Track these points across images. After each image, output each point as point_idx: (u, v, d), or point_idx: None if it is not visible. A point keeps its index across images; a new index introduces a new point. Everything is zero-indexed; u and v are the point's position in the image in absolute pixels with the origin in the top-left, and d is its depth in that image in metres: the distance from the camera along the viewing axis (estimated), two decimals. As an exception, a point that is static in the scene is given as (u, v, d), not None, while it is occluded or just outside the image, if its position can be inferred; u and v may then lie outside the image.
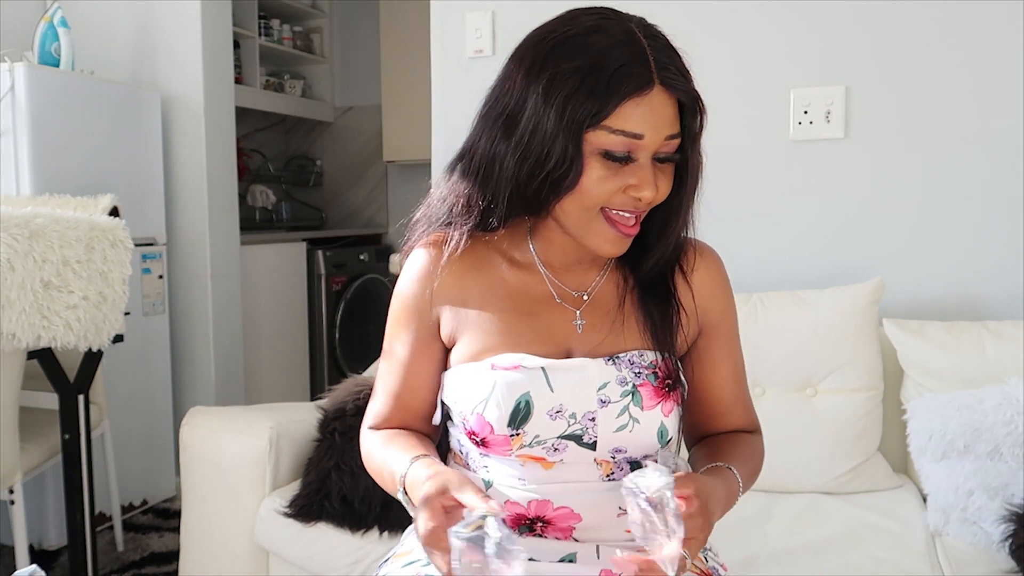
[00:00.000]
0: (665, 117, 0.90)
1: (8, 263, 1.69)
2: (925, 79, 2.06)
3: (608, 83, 0.87)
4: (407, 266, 1.06)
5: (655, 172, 0.92)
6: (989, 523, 1.48)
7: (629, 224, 0.94)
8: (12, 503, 1.96)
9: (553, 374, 0.96)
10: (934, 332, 1.83)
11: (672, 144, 0.92)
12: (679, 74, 0.91)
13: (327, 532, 1.67)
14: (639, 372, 0.97)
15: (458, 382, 1.00)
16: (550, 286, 1.02)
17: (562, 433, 0.96)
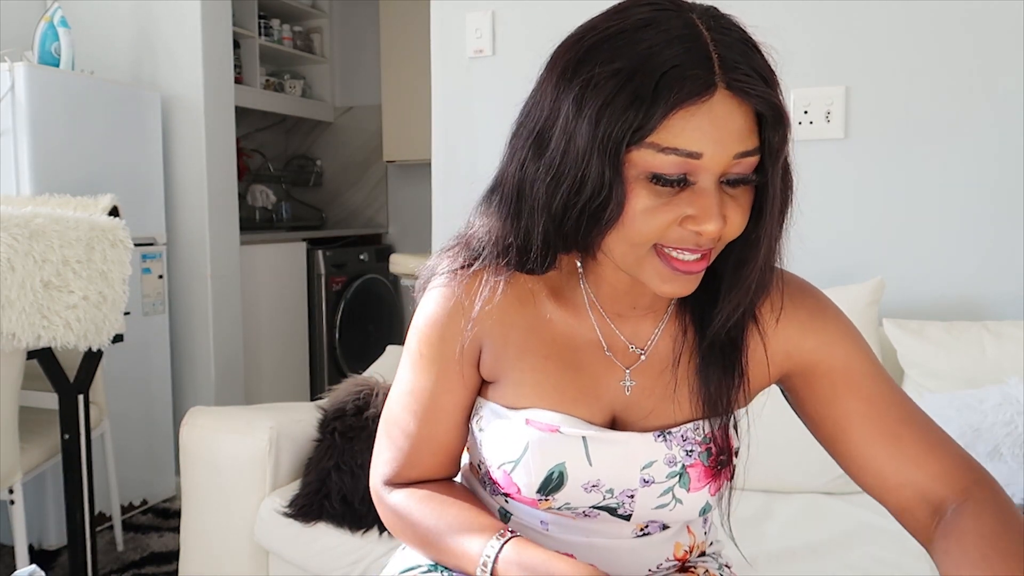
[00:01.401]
0: (732, 130, 0.70)
1: (8, 263, 1.69)
2: (925, 79, 2.06)
3: (655, 88, 0.69)
4: (431, 302, 0.89)
5: (723, 199, 0.73)
6: (989, 523, 1.48)
7: (688, 260, 0.75)
8: (12, 503, 1.96)
9: (594, 446, 0.84)
10: (934, 332, 1.83)
11: (746, 163, 0.73)
12: (755, 75, 0.71)
13: (327, 532, 1.67)
14: (691, 450, 0.85)
15: (488, 424, 0.88)
16: (600, 335, 0.87)
17: (596, 504, 0.86)
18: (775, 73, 0.74)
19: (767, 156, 0.74)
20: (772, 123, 0.73)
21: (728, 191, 0.74)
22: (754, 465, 1.82)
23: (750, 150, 0.72)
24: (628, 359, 0.87)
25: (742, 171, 0.73)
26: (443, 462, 0.93)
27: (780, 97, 0.73)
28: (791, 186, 0.81)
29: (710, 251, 0.76)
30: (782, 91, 0.73)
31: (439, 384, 0.89)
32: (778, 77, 0.74)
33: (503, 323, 0.87)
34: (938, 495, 0.81)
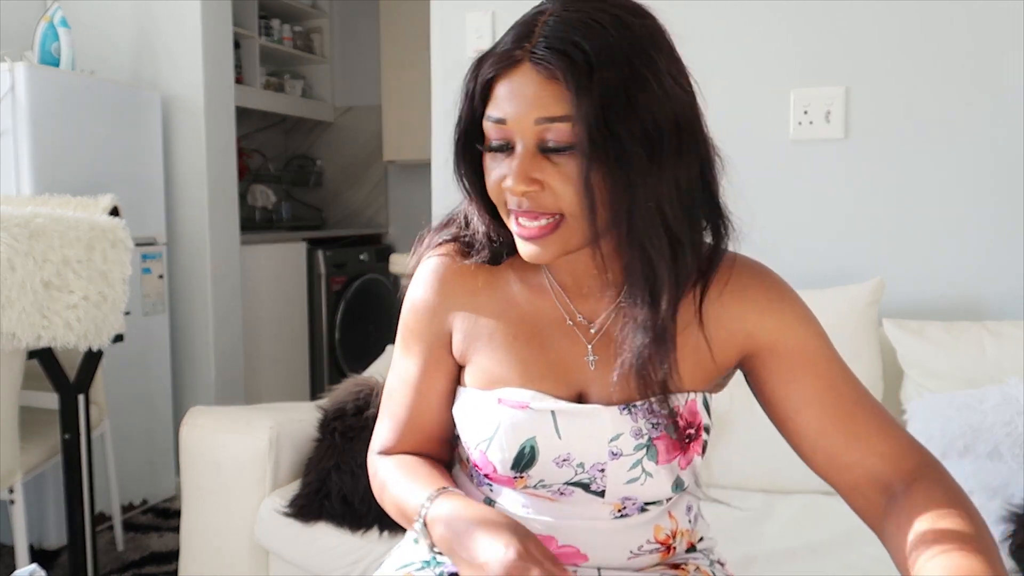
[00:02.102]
0: (529, 96, 0.77)
1: (8, 263, 1.69)
2: (925, 79, 2.06)
3: (482, 66, 0.82)
4: (419, 273, 0.96)
5: (542, 165, 0.78)
6: (989, 523, 1.48)
7: (525, 226, 0.81)
8: (12, 503, 1.96)
9: (562, 419, 0.87)
10: (934, 332, 1.83)
11: (556, 130, 0.77)
12: (559, 48, 0.75)
13: (327, 532, 1.67)
14: (657, 423, 0.86)
15: (466, 409, 0.93)
16: (563, 310, 0.90)
17: (569, 480, 0.88)
18: (606, 49, 0.75)
19: (582, 122, 0.75)
20: (576, 93, 0.75)
21: (552, 158, 0.79)
22: (754, 465, 1.83)
23: (553, 116, 0.77)
24: (590, 335, 0.90)
25: (555, 138, 0.77)
26: (426, 442, 0.97)
27: (584, 69, 0.75)
28: (625, 155, 0.77)
29: (553, 219, 0.80)
30: (605, 66, 0.75)
31: (417, 367, 0.95)
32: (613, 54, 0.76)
33: (473, 308, 0.93)
34: (888, 476, 0.82)
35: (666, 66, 0.80)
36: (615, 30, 0.76)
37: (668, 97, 0.79)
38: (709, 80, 0.89)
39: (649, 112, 0.77)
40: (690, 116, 0.82)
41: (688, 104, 0.82)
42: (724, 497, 1.76)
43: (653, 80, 0.77)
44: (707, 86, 0.90)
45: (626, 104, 0.76)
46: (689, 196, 0.81)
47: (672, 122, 0.79)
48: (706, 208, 0.84)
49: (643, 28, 0.79)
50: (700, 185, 0.83)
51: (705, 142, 0.84)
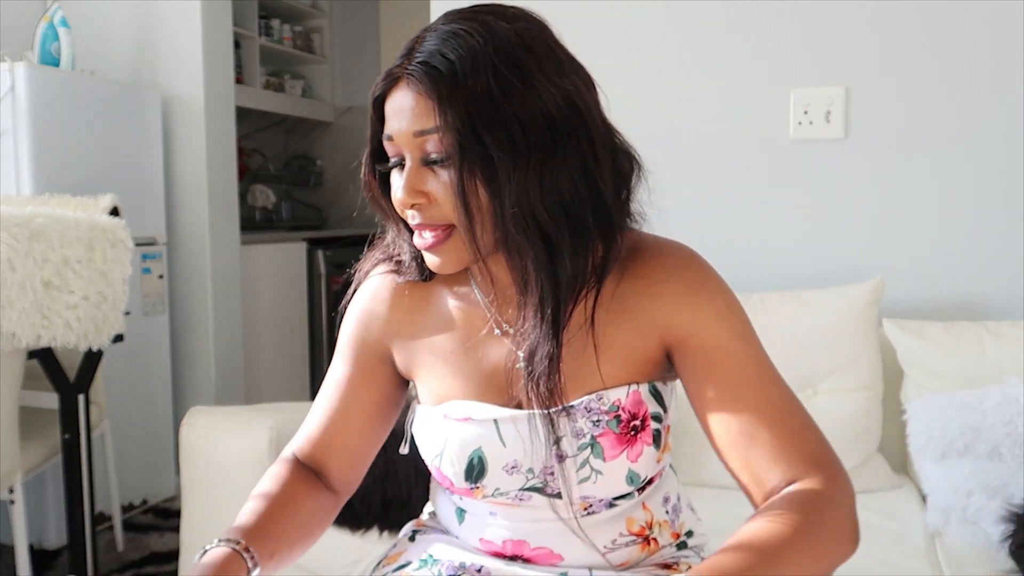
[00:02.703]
0: (405, 111, 0.79)
1: (8, 263, 1.69)
2: (925, 79, 2.06)
3: (374, 87, 0.84)
4: (358, 294, 0.98)
5: (426, 177, 0.80)
6: (989, 523, 1.48)
7: (422, 238, 0.83)
8: (12, 503, 1.96)
9: (504, 427, 0.87)
10: (934, 332, 1.83)
11: (432, 141, 0.78)
12: (425, 62, 0.77)
13: (327, 532, 1.67)
14: (598, 420, 0.85)
15: (419, 426, 0.94)
16: (490, 317, 0.90)
17: (523, 486, 0.88)
18: (470, 57, 0.76)
19: (451, 134, 0.76)
20: (439, 104, 0.76)
21: (436, 170, 0.80)
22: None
23: (426, 129, 0.78)
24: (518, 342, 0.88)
25: (434, 150, 0.79)
26: (338, 449, 0.95)
27: (448, 79, 0.76)
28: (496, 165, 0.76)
29: (441, 231, 0.81)
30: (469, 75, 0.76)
31: (343, 374, 0.96)
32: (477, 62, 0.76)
33: (412, 327, 0.93)
34: (774, 484, 0.79)
35: (538, 66, 0.78)
36: (482, 37, 0.77)
37: (539, 99, 0.77)
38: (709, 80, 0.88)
39: (515, 116, 0.76)
40: (568, 115, 0.78)
41: (566, 102, 0.79)
42: (724, 497, 1.76)
43: (520, 83, 0.76)
44: (707, 86, 0.89)
45: (491, 110, 0.76)
46: (570, 194, 0.79)
47: (543, 123, 0.77)
48: (593, 205, 0.81)
49: (512, 31, 0.79)
50: (584, 182, 0.80)
51: (591, 138, 0.80)
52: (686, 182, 2.22)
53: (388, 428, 0.98)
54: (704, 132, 2.22)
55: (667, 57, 2.24)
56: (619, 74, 2.26)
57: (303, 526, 0.93)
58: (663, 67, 2.24)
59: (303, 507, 0.92)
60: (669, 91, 2.24)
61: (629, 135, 0.89)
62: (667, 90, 2.25)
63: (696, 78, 2.22)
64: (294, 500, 0.91)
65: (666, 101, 2.24)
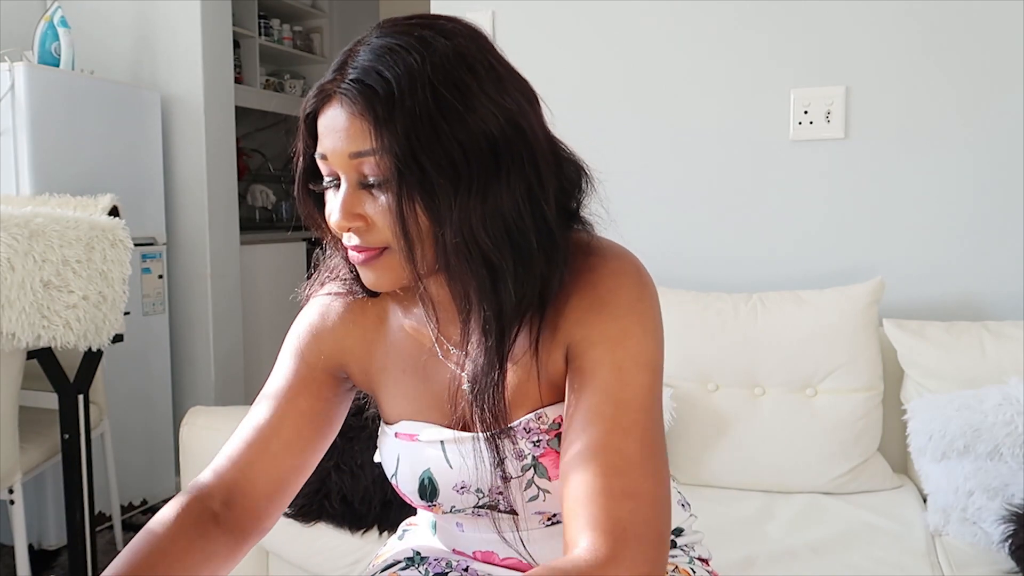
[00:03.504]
0: (339, 131, 0.74)
1: (8, 263, 1.69)
2: (925, 79, 2.06)
3: (305, 102, 0.79)
4: (311, 307, 0.93)
5: (365, 199, 0.76)
6: (989, 523, 1.48)
7: (357, 258, 0.79)
8: (12, 503, 1.96)
9: (450, 448, 0.86)
10: (934, 332, 1.83)
11: (369, 164, 0.74)
12: (359, 81, 0.73)
13: (327, 532, 1.67)
14: (538, 440, 0.82)
15: (380, 445, 0.94)
16: (433, 338, 0.87)
17: (476, 504, 0.87)
18: (408, 77, 0.72)
19: (385, 155, 0.72)
20: (376, 126, 0.72)
21: (373, 194, 0.76)
22: (754, 465, 1.83)
23: (362, 151, 0.73)
24: (461, 363, 0.85)
25: (371, 172, 0.74)
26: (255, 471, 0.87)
27: (385, 100, 0.72)
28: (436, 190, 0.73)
29: (374, 251, 0.77)
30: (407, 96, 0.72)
31: (282, 383, 0.91)
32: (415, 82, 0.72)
33: (365, 341, 0.90)
34: (571, 534, 0.72)
35: (479, 85, 0.74)
36: (419, 54, 0.73)
37: (481, 120, 0.73)
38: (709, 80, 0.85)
39: (455, 139, 0.72)
40: (511, 136, 0.74)
41: (509, 122, 0.74)
42: (724, 497, 1.76)
43: (461, 104, 0.72)
44: (707, 86, 0.87)
45: (430, 133, 0.71)
46: (513, 219, 0.75)
47: (485, 145, 0.73)
48: (536, 229, 0.76)
49: (451, 48, 0.74)
50: (528, 206, 0.75)
51: (535, 159, 0.76)
52: (686, 182, 2.22)
53: (317, 452, 0.91)
54: (704, 132, 2.22)
55: (667, 57, 2.24)
56: (619, 74, 2.26)
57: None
58: (663, 67, 2.24)
59: (185, 560, 0.82)
60: (669, 91, 2.24)
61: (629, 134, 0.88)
62: (667, 90, 2.24)
63: (696, 78, 2.21)
64: (173, 552, 0.81)
65: (666, 101, 2.24)
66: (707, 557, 1.03)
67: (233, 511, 0.86)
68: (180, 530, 0.83)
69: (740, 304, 1.90)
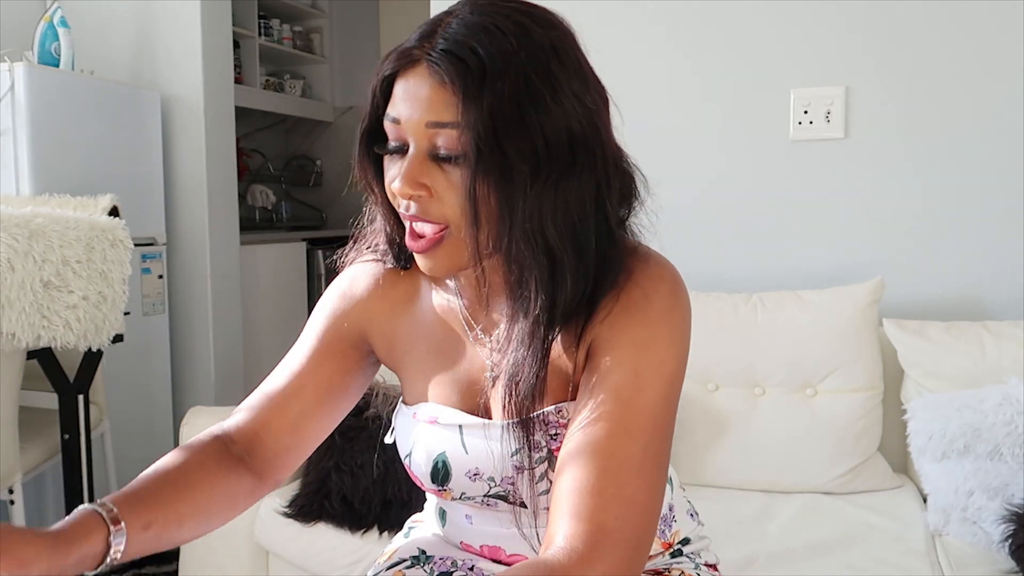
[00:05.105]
0: (421, 98, 0.73)
1: (8, 263, 1.69)
2: (925, 79, 2.06)
3: (385, 64, 0.78)
4: (344, 274, 0.94)
5: (432, 172, 0.75)
6: (989, 523, 1.48)
7: (415, 231, 0.78)
8: (12, 503, 1.96)
9: (468, 434, 0.86)
10: (934, 332, 1.83)
11: (446, 136, 0.73)
12: (452, 52, 0.72)
13: (327, 532, 1.67)
14: (555, 434, 0.82)
15: (397, 424, 0.93)
16: (464, 323, 0.87)
17: (486, 493, 0.87)
18: (502, 58, 0.72)
19: (469, 131, 0.71)
20: (464, 100, 0.72)
21: (443, 168, 0.75)
22: (754, 465, 1.83)
23: (443, 122, 0.73)
24: (488, 350, 0.86)
25: (445, 145, 0.74)
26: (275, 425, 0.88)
27: (475, 76, 0.71)
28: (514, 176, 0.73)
29: (436, 231, 0.76)
30: (499, 76, 0.71)
31: (308, 346, 0.91)
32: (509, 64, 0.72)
33: (392, 317, 0.91)
34: (555, 527, 0.72)
35: (567, 81, 0.75)
36: (516, 39, 0.73)
37: (565, 115, 0.74)
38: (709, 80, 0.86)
39: (540, 129, 0.72)
40: (588, 136, 0.75)
41: (589, 123, 0.76)
42: (724, 497, 1.76)
43: (549, 96, 0.73)
44: (707, 86, 0.88)
45: (516, 118, 0.72)
46: (579, 216, 0.76)
47: (565, 141, 0.74)
48: (597, 230, 0.77)
49: (548, 40, 0.75)
50: (594, 206, 0.77)
51: (605, 161, 0.77)
52: (686, 182, 2.22)
53: (335, 419, 0.93)
54: (704, 132, 2.22)
55: (667, 57, 2.24)
56: (618, 74, 2.25)
57: (199, 504, 0.82)
58: (663, 67, 2.24)
59: (204, 484, 0.83)
60: (669, 91, 2.24)
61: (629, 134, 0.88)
62: (667, 90, 2.24)
63: (696, 78, 2.21)
64: (195, 475, 0.83)
65: (666, 101, 2.24)
66: (715, 562, 1.03)
67: (254, 459, 0.88)
68: (206, 458, 0.84)
69: (740, 304, 1.90)
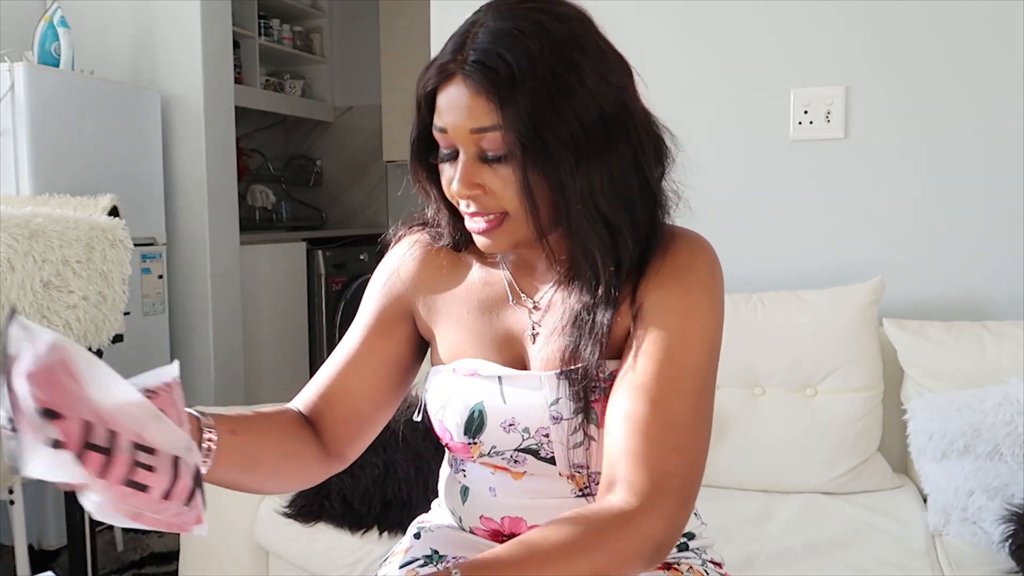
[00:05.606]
0: (462, 107, 0.81)
1: (8, 263, 1.69)
2: (925, 79, 2.06)
3: (424, 79, 0.85)
4: (393, 249, 1.02)
5: (483, 171, 0.83)
6: (989, 523, 1.48)
7: (475, 222, 0.86)
8: (12, 503, 1.96)
9: (507, 384, 0.92)
10: (934, 332, 1.83)
11: (490, 139, 0.81)
12: (481, 61, 0.79)
13: (327, 532, 1.67)
14: (595, 386, 0.87)
15: (431, 383, 0.98)
16: (507, 286, 0.95)
17: (518, 446, 0.91)
18: (528, 59, 0.78)
19: (509, 131, 0.79)
20: (501, 105, 0.79)
21: (493, 167, 0.83)
22: (754, 465, 1.83)
23: (485, 126, 0.80)
24: (532, 311, 0.94)
25: (490, 147, 0.82)
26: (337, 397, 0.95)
27: (508, 81, 0.78)
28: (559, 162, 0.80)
29: (495, 218, 0.85)
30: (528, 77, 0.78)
31: (364, 324, 0.99)
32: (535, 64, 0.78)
33: (435, 286, 0.98)
34: (611, 478, 0.81)
35: (591, 65, 0.82)
36: (537, 39, 0.79)
37: (593, 96, 0.81)
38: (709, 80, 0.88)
39: (574, 115, 0.80)
40: (618, 110, 0.83)
41: (616, 99, 0.83)
42: (724, 496, 1.76)
43: (576, 83, 0.80)
44: (707, 86, 0.90)
45: (551, 110, 0.79)
46: (624, 184, 0.84)
47: (599, 120, 0.81)
48: (641, 192, 0.86)
49: (566, 31, 0.81)
50: (634, 172, 0.85)
51: (637, 129, 0.85)
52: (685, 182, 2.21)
53: (397, 396, 0.99)
54: (704, 132, 2.22)
55: (667, 57, 2.23)
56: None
57: (278, 445, 0.89)
58: (663, 67, 2.24)
59: (285, 431, 0.91)
60: (669, 91, 2.24)
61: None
62: (667, 90, 2.24)
63: (696, 78, 2.21)
64: (277, 419, 0.91)
65: (666, 101, 2.23)
66: (720, 561, 1.05)
67: (322, 437, 0.95)
68: (287, 412, 0.94)
69: (740, 304, 1.90)
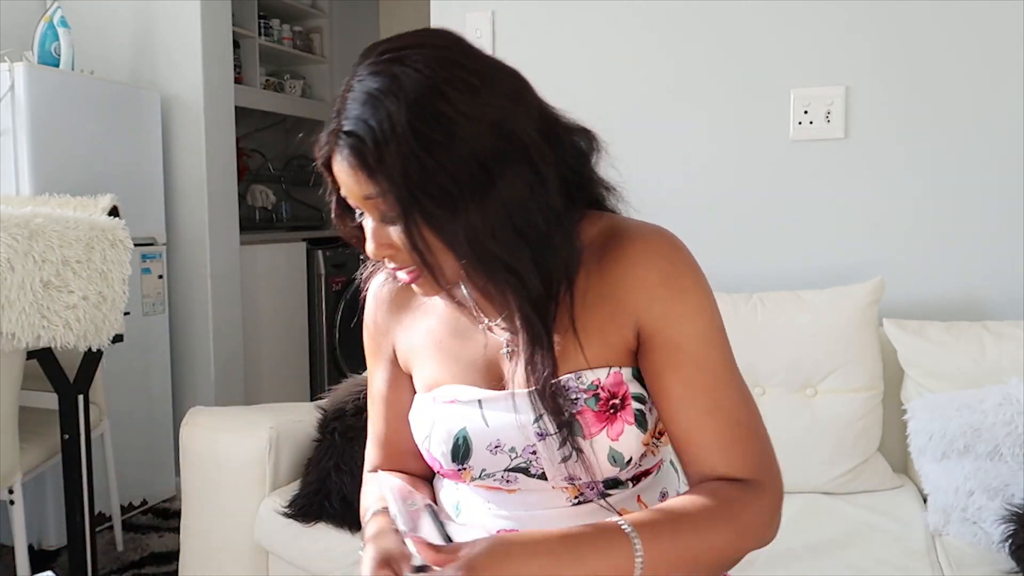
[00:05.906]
0: (348, 180, 0.81)
1: (8, 263, 1.69)
2: (925, 79, 2.06)
3: (318, 150, 0.87)
4: (367, 298, 1.05)
5: (384, 230, 0.83)
6: (989, 523, 1.48)
7: (400, 275, 0.87)
8: (12, 503, 1.96)
9: (488, 407, 0.91)
10: (934, 332, 1.83)
11: (380, 204, 0.80)
12: (353, 127, 0.79)
13: (327, 532, 1.67)
14: (576, 398, 0.87)
15: (413, 414, 0.98)
16: (476, 314, 0.94)
17: (507, 467, 0.90)
18: (388, 122, 0.76)
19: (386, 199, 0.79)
20: (370, 175, 0.79)
21: (392, 228, 0.82)
22: (754, 465, 1.82)
23: (369, 195, 0.80)
24: (501, 331, 0.93)
25: (384, 210, 0.81)
26: (405, 455, 1.03)
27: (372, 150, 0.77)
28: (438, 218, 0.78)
29: (414, 270, 0.85)
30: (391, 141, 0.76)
31: (381, 382, 1.05)
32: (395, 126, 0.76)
33: (408, 321, 1.00)
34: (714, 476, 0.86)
35: (456, 109, 0.77)
36: (394, 98, 0.77)
37: (463, 142, 0.77)
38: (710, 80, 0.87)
39: (440, 168, 0.76)
40: (497, 143, 0.78)
41: (494, 132, 0.78)
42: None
43: (440, 135, 0.76)
44: (708, 86, 0.88)
45: (419, 168, 0.76)
46: (520, 214, 0.80)
47: (475, 164, 0.77)
48: (546, 213, 0.82)
49: (423, 80, 0.77)
50: (531, 200, 0.80)
51: (527, 155, 0.80)
52: (685, 182, 2.22)
53: None
54: (704, 132, 2.22)
55: (667, 57, 2.24)
56: (618, 74, 2.26)
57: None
58: (663, 67, 2.24)
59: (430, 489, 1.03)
60: (669, 91, 2.24)
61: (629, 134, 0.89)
62: (667, 90, 2.24)
63: (696, 78, 2.21)
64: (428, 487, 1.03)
65: (666, 101, 2.24)
66: None
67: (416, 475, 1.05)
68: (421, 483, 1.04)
69: (740, 304, 1.90)
